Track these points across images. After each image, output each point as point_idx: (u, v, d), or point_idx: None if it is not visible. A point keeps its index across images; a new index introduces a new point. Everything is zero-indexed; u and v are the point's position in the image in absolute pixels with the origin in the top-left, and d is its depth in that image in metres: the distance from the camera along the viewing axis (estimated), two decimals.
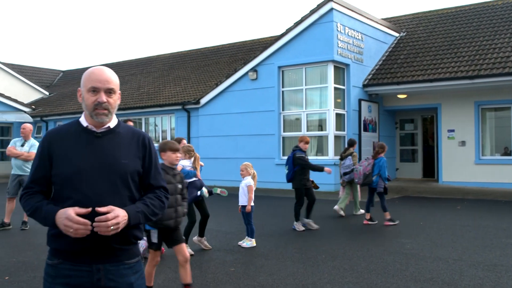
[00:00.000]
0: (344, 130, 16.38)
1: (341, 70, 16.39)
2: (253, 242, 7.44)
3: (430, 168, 18.96)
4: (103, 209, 2.22)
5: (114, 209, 2.24)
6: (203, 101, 18.81)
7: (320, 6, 15.93)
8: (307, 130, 16.38)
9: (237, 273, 5.92)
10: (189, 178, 7.13)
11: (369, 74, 17.38)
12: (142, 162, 2.48)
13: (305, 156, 9.03)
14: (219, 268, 6.13)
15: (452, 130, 16.84)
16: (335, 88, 16.02)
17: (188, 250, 6.83)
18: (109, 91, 2.40)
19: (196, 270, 6.00)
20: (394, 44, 18.97)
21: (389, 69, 17.26)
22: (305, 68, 16.43)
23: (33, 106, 26.53)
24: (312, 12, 16.09)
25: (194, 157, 7.27)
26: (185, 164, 7.20)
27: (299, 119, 16.70)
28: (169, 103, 19.74)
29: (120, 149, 2.42)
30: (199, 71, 23.15)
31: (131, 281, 2.40)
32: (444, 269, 5.98)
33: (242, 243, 7.46)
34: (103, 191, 2.31)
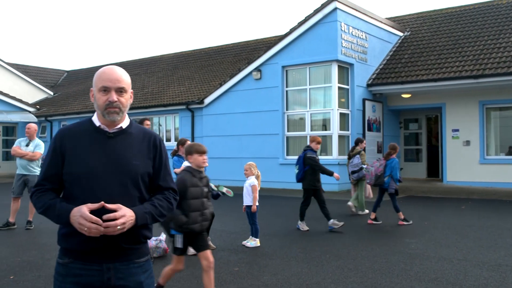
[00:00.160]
0: (348, 130, 16.36)
1: (345, 70, 16.37)
2: (257, 242, 7.43)
3: (435, 168, 18.92)
4: (112, 206, 2.23)
5: (122, 208, 2.25)
6: (207, 101, 18.83)
7: (324, 6, 15.92)
8: (311, 130, 16.37)
9: (241, 273, 5.92)
10: None
11: (373, 74, 17.35)
12: (153, 163, 2.48)
13: (316, 157, 8.89)
14: (223, 268, 6.13)
15: (457, 130, 16.80)
16: (339, 88, 16.00)
17: (191, 250, 6.83)
18: (120, 90, 2.40)
19: (199, 270, 5.98)
20: (398, 44, 18.93)
21: (393, 69, 17.22)
22: (309, 68, 16.42)
23: (38, 106, 26.62)
24: (316, 12, 16.08)
25: None
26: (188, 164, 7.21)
27: (303, 119, 16.69)
28: (173, 103, 19.77)
29: (132, 150, 2.42)
30: (203, 71, 23.16)
31: (141, 280, 2.41)
32: (449, 269, 5.97)
33: (246, 243, 7.46)
34: (114, 192, 2.32)
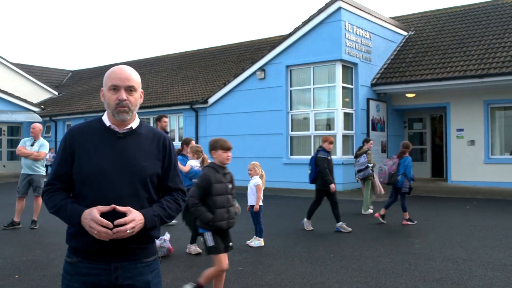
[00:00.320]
0: (352, 130, 16.33)
1: (349, 69, 16.35)
2: (262, 242, 7.43)
3: (439, 168, 18.87)
4: (122, 209, 2.25)
5: (132, 212, 2.26)
6: (211, 101, 18.84)
7: (328, 5, 15.89)
8: (315, 130, 16.36)
9: (245, 272, 5.93)
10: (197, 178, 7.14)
11: (378, 73, 17.32)
12: (162, 164, 2.49)
13: (327, 157, 8.75)
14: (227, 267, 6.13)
15: (461, 129, 16.74)
16: (343, 87, 15.98)
17: (196, 249, 6.85)
18: (130, 89, 2.40)
19: (204, 270, 6.01)
20: (403, 43, 18.89)
21: (398, 68, 17.18)
22: (313, 67, 16.40)
23: (42, 106, 26.71)
24: (320, 11, 16.06)
25: (203, 158, 7.28)
26: (194, 164, 7.22)
27: (307, 119, 16.67)
28: (177, 103, 19.80)
29: (141, 151, 2.42)
30: (207, 71, 23.18)
31: (148, 280, 2.42)
32: (453, 269, 5.95)
33: (250, 243, 7.46)
34: (123, 193, 2.32)
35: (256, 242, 7.42)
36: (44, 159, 9.26)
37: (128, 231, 2.22)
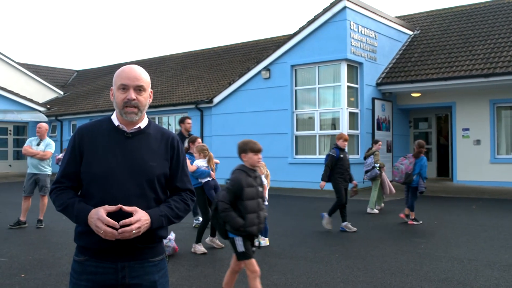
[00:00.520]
0: (358, 129, 16.31)
1: (355, 69, 16.32)
2: (267, 241, 7.44)
3: (445, 167, 18.81)
4: (128, 209, 2.25)
5: (138, 212, 2.27)
6: (216, 100, 18.85)
7: (333, 5, 15.87)
8: (320, 129, 16.35)
9: None
10: (204, 178, 7.15)
11: (383, 73, 17.28)
12: (170, 164, 2.49)
13: (337, 156, 8.57)
14: None
15: (467, 129, 16.68)
16: (348, 87, 15.96)
17: (201, 249, 6.86)
18: (139, 89, 2.40)
19: (209, 269, 6.02)
20: (408, 42, 18.83)
21: (403, 68, 17.14)
22: (318, 67, 16.38)
23: (48, 106, 26.80)
24: (325, 11, 16.04)
25: (209, 157, 7.28)
26: (200, 164, 7.21)
27: (312, 118, 16.66)
28: (182, 102, 19.82)
29: (149, 151, 2.43)
30: (212, 70, 23.20)
31: (155, 279, 2.42)
32: (459, 269, 5.93)
33: (256, 242, 7.45)
34: (130, 193, 2.33)
35: (262, 242, 7.42)
36: (50, 159, 9.30)
37: (134, 232, 2.22)
